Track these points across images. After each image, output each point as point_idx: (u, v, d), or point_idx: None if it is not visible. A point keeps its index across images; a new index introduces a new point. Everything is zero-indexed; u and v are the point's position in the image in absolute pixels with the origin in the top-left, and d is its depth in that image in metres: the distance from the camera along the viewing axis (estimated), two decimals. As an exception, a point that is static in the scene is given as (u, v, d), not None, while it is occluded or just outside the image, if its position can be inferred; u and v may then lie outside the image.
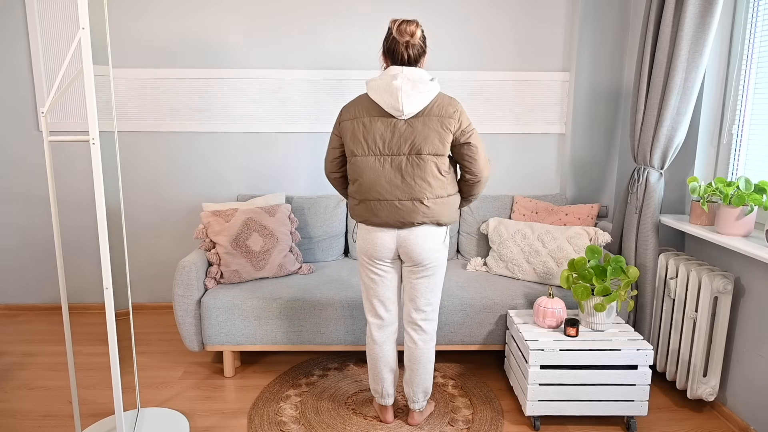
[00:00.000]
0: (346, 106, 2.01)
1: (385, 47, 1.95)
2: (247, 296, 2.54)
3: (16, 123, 3.23)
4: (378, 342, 2.13)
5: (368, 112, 1.95)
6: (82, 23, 1.60)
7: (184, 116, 3.23)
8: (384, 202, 1.95)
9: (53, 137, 1.79)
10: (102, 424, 2.20)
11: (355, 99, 2.01)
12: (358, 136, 1.95)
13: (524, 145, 3.32)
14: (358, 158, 1.97)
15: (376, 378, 2.17)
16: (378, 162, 1.94)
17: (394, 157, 1.93)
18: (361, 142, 1.94)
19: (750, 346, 2.16)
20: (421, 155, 1.92)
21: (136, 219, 3.37)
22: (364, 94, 2.00)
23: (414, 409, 2.19)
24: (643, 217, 2.54)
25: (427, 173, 1.93)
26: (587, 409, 2.19)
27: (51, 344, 2.97)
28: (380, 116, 1.93)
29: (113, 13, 3.13)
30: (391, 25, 1.92)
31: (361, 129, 1.94)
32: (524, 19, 3.17)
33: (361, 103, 1.97)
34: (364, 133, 1.94)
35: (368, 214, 1.99)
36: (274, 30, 3.16)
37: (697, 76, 2.34)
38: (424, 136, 1.91)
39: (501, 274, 2.83)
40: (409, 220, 1.95)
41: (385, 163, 1.94)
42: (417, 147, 1.91)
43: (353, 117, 1.96)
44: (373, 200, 1.96)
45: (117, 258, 3.01)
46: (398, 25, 1.90)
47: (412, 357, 2.13)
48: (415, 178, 1.93)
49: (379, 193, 1.95)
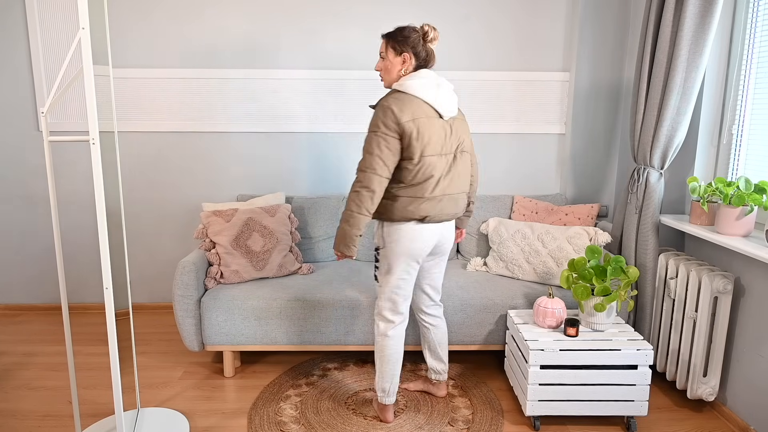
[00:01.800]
0: (397, 107, 1.93)
1: (414, 51, 2.02)
2: (247, 296, 2.54)
3: (16, 123, 3.23)
4: (398, 339, 2.18)
5: (424, 112, 1.98)
6: (82, 23, 1.60)
7: (184, 116, 3.23)
8: (448, 197, 2.08)
9: (53, 137, 1.79)
10: (102, 424, 2.20)
11: (399, 99, 1.95)
12: (425, 136, 1.96)
13: (524, 145, 3.32)
14: (428, 158, 1.99)
15: (390, 376, 2.18)
16: (443, 160, 2.04)
17: (448, 155, 2.06)
18: (431, 142, 1.98)
19: (750, 346, 2.16)
20: (463, 152, 2.12)
21: (136, 219, 3.37)
22: (403, 94, 1.97)
23: (445, 380, 2.44)
24: (643, 217, 2.54)
25: (466, 167, 2.14)
26: (587, 409, 2.19)
27: (51, 344, 2.97)
28: (434, 116, 2.00)
29: (113, 13, 3.13)
30: (428, 30, 2.03)
31: (426, 129, 1.97)
32: (524, 19, 3.17)
33: (411, 103, 1.96)
34: (429, 132, 1.98)
35: (433, 211, 2.04)
36: (274, 30, 3.16)
37: (697, 76, 2.34)
38: (463, 135, 2.12)
39: (501, 274, 2.83)
40: (456, 213, 2.14)
41: (446, 160, 2.06)
42: (461, 145, 2.11)
43: (413, 117, 1.95)
44: (440, 196, 2.05)
45: (117, 258, 3.02)
46: (433, 30, 2.04)
47: (439, 333, 2.35)
48: (462, 174, 2.12)
49: (445, 189, 2.06)
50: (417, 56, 2.03)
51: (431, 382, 2.45)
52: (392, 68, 2.05)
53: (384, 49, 2.06)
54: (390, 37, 2.05)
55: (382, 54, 2.07)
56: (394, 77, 2.07)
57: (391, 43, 2.04)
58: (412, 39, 2.01)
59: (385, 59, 2.07)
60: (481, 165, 3.34)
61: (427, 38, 2.03)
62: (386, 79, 2.09)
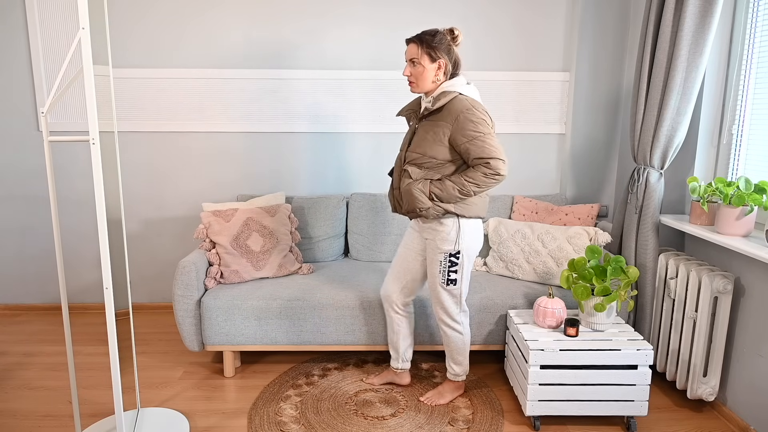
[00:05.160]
0: (481, 107, 2.08)
1: (451, 59, 2.09)
2: (247, 296, 2.54)
3: (16, 123, 3.23)
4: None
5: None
6: (82, 23, 1.60)
7: (184, 116, 3.23)
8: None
9: (53, 137, 1.79)
10: (102, 424, 2.20)
11: (475, 100, 2.09)
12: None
13: (524, 145, 3.32)
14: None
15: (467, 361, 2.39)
16: None
17: None
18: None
19: (750, 346, 2.16)
20: None
21: (136, 219, 3.37)
22: (468, 96, 2.09)
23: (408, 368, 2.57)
24: (643, 217, 2.54)
25: None
26: (587, 409, 2.19)
27: (51, 344, 2.97)
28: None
29: (113, 13, 3.13)
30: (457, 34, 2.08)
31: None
32: (525, 19, 3.17)
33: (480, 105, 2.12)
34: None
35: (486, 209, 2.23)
36: (274, 30, 3.16)
37: (697, 76, 2.34)
38: None
39: (501, 274, 2.83)
40: None
41: None
42: None
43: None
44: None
45: (117, 258, 3.02)
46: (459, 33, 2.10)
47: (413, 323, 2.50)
48: None
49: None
50: (452, 62, 2.09)
51: (395, 373, 2.50)
52: (428, 75, 2.08)
53: (418, 55, 2.07)
54: (424, 42, 2.06)
55: (415, 60, 2.07)
56: (428, 84, 2.10)
57: (426, 50, 2.05)
58: (445, 44, 2.06)
59: (417, 65, 2.08)
60: (481, 165, 3.34)
61: (456, 42, 2.10)
62: (420, 85, 2.11)
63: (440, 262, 2.18)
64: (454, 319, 2.27)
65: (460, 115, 2.02)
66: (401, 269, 2.34)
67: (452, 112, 2.04)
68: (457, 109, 2.03)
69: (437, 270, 2.19)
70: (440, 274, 2.19)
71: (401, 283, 2.35)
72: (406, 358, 2.47)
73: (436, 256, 2.18)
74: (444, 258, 2.17)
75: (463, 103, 2.04)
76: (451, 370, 2.39)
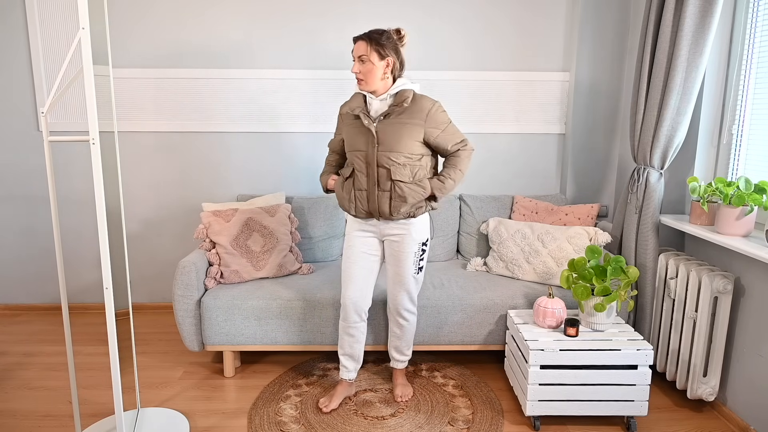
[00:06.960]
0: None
1: (398, 58, 2.13)
2: (247, 296, 2.54)
3: (16, 123, 3.23)
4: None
5: None
6: (82, 23, 1.60)
7: (184, 116, 3.23)
8: None
9: (53, 137, 1.79)
10: (102, 424, 2.20)
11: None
12: None
13: (524, 145, 3.32)
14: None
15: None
16: None
17: None
18: None
19: (750, 346, 2.16)
20: None
21: (136, 219, 3.37)
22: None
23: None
24: (643, 217, 2.54)
25: None
26: (587, 409, 2.19)
27: (51, 344, 2.97)
28: None
29: (113, 13, 3.13)
30: (403, 34, 2.14)
31: None
32: (524, 19, 3.17)
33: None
34: None
35: None
36: (274, 30, 3.16)
37: (697, 76, 2.34)
38: None
39: (501, 274, 2.83)
40: None
41: None
42: None
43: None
44: None
45: (117, 258, 3.02)
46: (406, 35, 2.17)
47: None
48: None
49: None
50: (399, 60, 2.13)
51: (349, 384, 2.40)
52: (377, 72, 2.09)
53: (367, 52, 2.07)
54: (373, 41, 2.07)
55: (363, 57, 2.08)
56: (377, 81, 2.11)
57: (375, 47, 2.07)
58: (392, 43, 2.10)
59: (366, 62, 2.08)
60: (482, 164, 3.35)
61: (402, 42, 2.14)
62: (369, 82, 2.11)
63: (415, 253, 2.24)
64: (415, 304, 2.35)
65: (431, 110, 2.11)
66: (367, 275, 2.28)
67: (422, 109, 2.11)
68: (425, 105, 2.11)
69: (411, 261, 2.24)
70: (413, 265, 2.25)
71: (369, 289, 2.30)
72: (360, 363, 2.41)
73: (411, 248, 2.22)
74: (419, 248, 2.25)
75: (426, 99, 2.13)
76: (402, 357, 2.43)
